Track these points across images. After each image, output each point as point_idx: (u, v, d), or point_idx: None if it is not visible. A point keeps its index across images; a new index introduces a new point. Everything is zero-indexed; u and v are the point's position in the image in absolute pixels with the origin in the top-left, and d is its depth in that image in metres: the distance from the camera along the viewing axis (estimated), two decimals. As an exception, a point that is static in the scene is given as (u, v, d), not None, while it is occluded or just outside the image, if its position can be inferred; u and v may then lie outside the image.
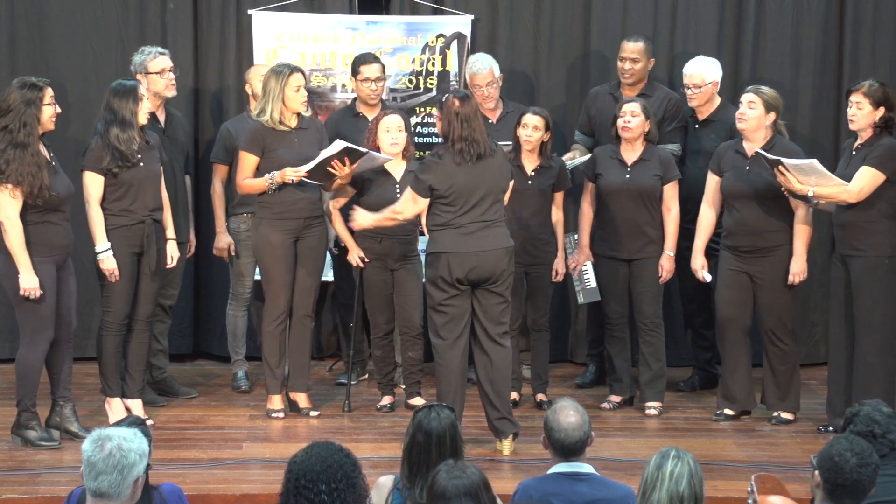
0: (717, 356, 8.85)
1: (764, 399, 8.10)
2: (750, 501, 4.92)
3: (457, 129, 7.26)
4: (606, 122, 8.68)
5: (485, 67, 8.61)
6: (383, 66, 8.54)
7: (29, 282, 7.10)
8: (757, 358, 8.19)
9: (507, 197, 7.46)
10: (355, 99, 8.62)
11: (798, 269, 7.82)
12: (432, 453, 5.03)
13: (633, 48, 8.66)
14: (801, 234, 7.82)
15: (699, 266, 8.07)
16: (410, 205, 7.38)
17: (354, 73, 8.50)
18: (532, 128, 8.11)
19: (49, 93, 7.22)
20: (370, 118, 8.28)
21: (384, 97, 8.73)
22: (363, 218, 7.61)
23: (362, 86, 8.45)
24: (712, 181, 8.03)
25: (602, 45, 9.17)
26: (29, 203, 7.11)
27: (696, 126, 8.59)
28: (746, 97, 7.88)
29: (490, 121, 8.55)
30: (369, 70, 8.44)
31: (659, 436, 7.81)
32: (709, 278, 8.07)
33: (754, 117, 7.84)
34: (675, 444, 4.70)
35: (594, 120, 8.79)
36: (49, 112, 7.20)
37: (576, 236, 8.38)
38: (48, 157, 7.22)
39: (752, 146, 7.86)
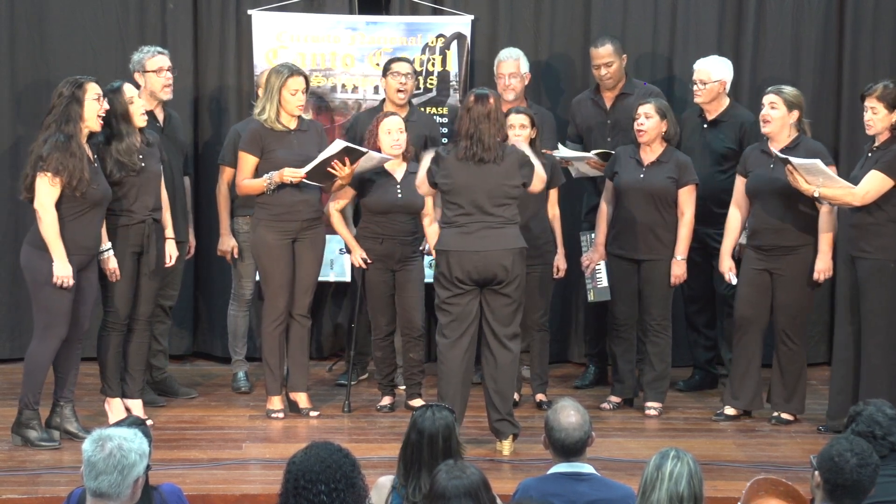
0: (717, 357, 8.87)
1: (770, 398, 8.09)
2: None
3: (465, 124, 7.26)
4: (592, 127, 8.71)
5: (511, 56, 8.64)
6: (415, 70, 8.55)
7: (63, 269, 7.10)
8: (766, 359, 8.16)
9: (538, 185, 7.38)
10: (383, 101, 8.61)
11: (823, 266, 7.80)
12: (424, 452, 5.04)
13: (603, 53, 8.64)
14: (826, 233, 7.79)
15: (727, 268, 8.05)
16: (424, 185, 7.41)
17: (385, 71, 8.50)
18: (519, 126, 8.07)
19: (92, 88, 7.23)
20: None
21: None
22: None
23: (391, 80, 8.42)
24: (740, 182, 8.01)
25: (602, 46, 9.17)
26: (66, 194, 7.12)
27: (705, 126, 8.57)
28: (768, 98, 7.86)
29: None
30: (400, 66, 8.44)
31: (659, 436, 7.81)
32: (735, 281, 8.05)
33: (777, 118, 7.82)
34: (675, 445, 4.70)
35: (580, 127, 8.81)
36: (93, 108, 7.21)
37: (592, 234, 8.38)
38: (91, 157, 7.23)
39: (776, 146, 7.83)
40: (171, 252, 7.83)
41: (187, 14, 9.23)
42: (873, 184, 7.48)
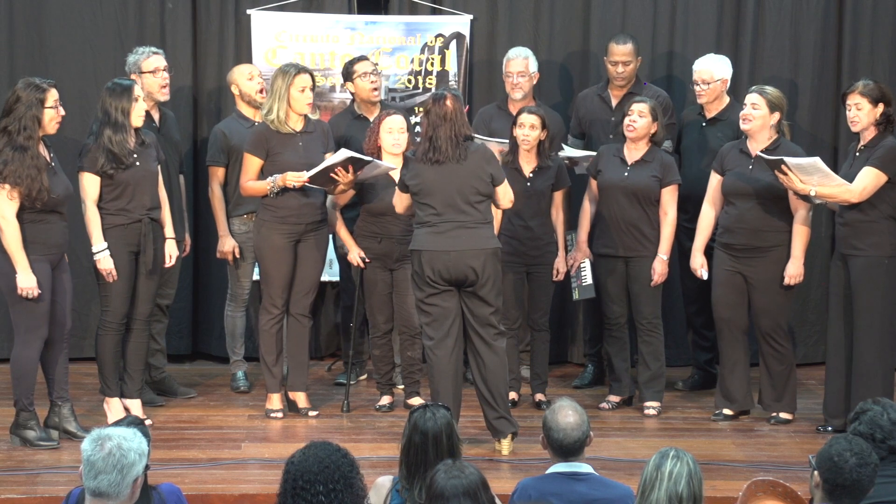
0: (717, 357, 8.85)
1: (761, 400, 8.09)
2: None
3: (424, 127, 7.27)
4: (595, 123, 8.72)
5: (519, 55, 8.65)
6: (375, 63, 8.55)
7: (26, 281, 7.10)
8: (754, 358, 8.17)
9: (503, 198, 7.38)
10: (352, 101, 8.62)
11: (794, 271, 7.81)
12: (429, 453, 5.03)
13: (623, 50, 8.64)
14: (800, 237, 7.80)
15: (698, 265, 8.07)
16: (397, 199, 7.41)
17: (349, 75, 8.50)
18: (529, 126, 8.10)
19: (52, 95, 7.20)
20: (371, 119, 8.28)
21: (383, 97, 8.73)
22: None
23: (361, 82, 8.45)
24: (714, 180, 8.02)
25: (601, 45, 9.16)
26: (26, 205, 7.11)
27: (704, 124, 8.56)
28: (750, 98, 7.87)
29: None
30: (363, 66, 8.46)
31: (658, 436, 7.81)
32: (706, 276, 8.06)
33: (758, 117, 7.82)
34: (673, 444, 4.70)
35: (583, 122, 8.80)
36: (51, 115, 7.18)
37: (576, 233, 8.39)
38: (48, 159, 7.21)
39: (756, 146, 7.84)
40: (170, 252, 7.82)
41: (186, 14, 9.23)
42: (868, 179, 7.48)
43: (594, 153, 8.45)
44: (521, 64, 8.61)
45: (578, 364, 9.34)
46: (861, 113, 7.54)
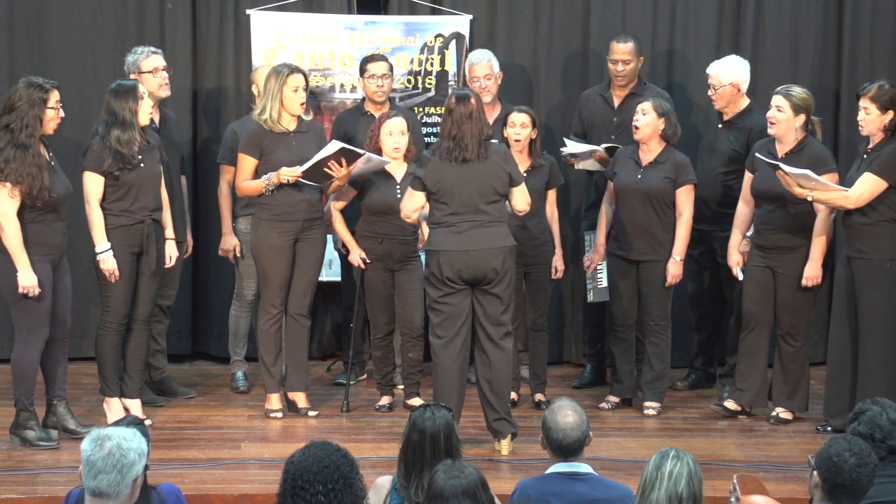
0: (715, 358, 8.86)
1: (771, 395, 8.08)
2: (732, 500, 4.92)
3: (447, 126, 7.28)
4: (597, 123, 8.70)
5: (483, 59, 8.64)
6: (391, 66, 8.57)
7: (28, 279, 7.10)
8: (770, 358, 8.16)
9: (519, 200, 7.37)
10: (363, 99, 8.62)
11: (811, 273, 7.79)
12: (426, 452, 5.04)
13: (623, 49, 8.63)
14: (819, 239, 7.77)
15: (734, 263, 8.04)
16: (409, 200, 7.38)
17: (362, 71, 8.53)
18: (520, 125, 8.10)
19: (55, 96, 7.20)
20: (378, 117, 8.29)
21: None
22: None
23: (368, 83, 8.46)
24: (747, 178, 7.99)
25: (601, 45, 9.16)
26: (27, 203, 7.11)
27: (720, 125, 8.52)
28: (774, 100, 7.82)
29: None
30: (376, 67, 8.46)
31: (657, 436, 7.81)
32: (741, 276, 8.04)
33: (782, 120, 7.78)
34: (673, 444, 4.71)
35: (586, 122, 8.79)
36: (51, 115, 7.18)
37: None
38: (48, 158, 7.22)
39: (783, 147, 7.82)
40: (171, 253, 7.83)
41: (186, 14, 9.23)
42: (867, 186, 7.47)
43: (597, 147, 8.45)
44: (486, 67, 8.61)
45: (578, 364, 9.34)
46: (868, 117, 7.52)
